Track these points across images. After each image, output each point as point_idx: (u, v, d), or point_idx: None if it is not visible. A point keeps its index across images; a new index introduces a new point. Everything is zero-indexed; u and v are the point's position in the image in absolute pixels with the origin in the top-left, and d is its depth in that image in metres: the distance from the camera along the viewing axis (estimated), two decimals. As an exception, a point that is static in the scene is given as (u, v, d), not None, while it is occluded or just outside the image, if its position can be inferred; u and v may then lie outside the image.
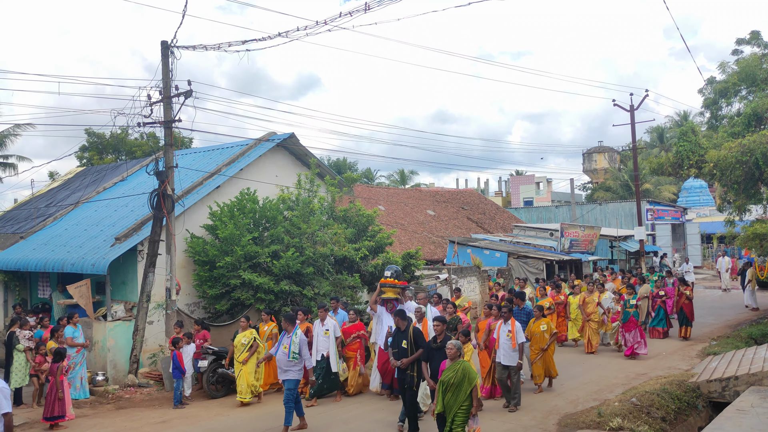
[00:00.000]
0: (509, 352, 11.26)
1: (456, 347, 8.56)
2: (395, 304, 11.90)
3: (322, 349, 12.27)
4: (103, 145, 35.28)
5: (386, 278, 12.08)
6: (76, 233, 17.82)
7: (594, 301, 16.35)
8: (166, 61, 13.83)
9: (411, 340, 9.96)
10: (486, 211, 36.00)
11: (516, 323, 11.41)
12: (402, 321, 10.24)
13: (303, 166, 19.13)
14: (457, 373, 8.35)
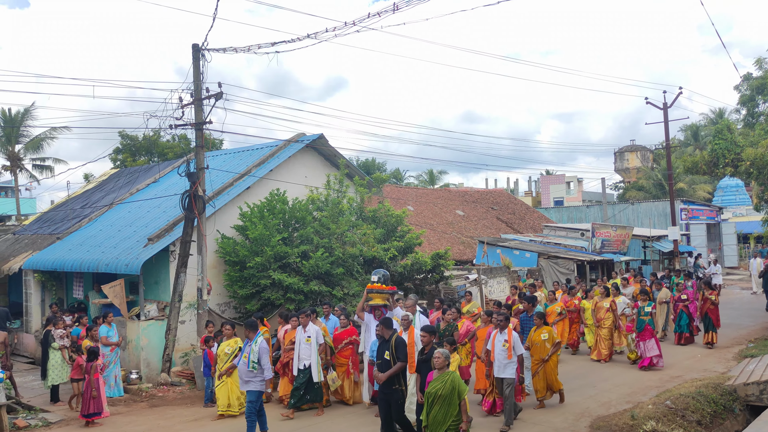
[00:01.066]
0: (504, 364, 10.33)
1: (443, 356, 8.02)
2: (383, 311, 11.05)
3: (304, 358, 11.41)
4: (136, 148, 35.89)
5: (373, 283, 11.19)
6: (110, 234, 18.14)
7: (605, 307, 15.29)
8: (197, 63, 13.99)
9: (392, 352, 9.23)
10: (516, 211, 35.72)
11: (514, 333, 10.48)
12: (386, 330, 9.53)
13: (332, 166, 19.20)
14: (446, 385, 7.82)
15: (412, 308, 11.29)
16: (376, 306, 11.08)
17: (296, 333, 11.63)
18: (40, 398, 13.47)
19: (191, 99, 14.15)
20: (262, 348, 9.82)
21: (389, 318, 9.84)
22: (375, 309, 11.11)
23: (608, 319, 15.13)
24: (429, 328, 9.24)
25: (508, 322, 10.67)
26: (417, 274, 18.17)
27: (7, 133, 36.54)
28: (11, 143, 36.88)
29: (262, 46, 13.49)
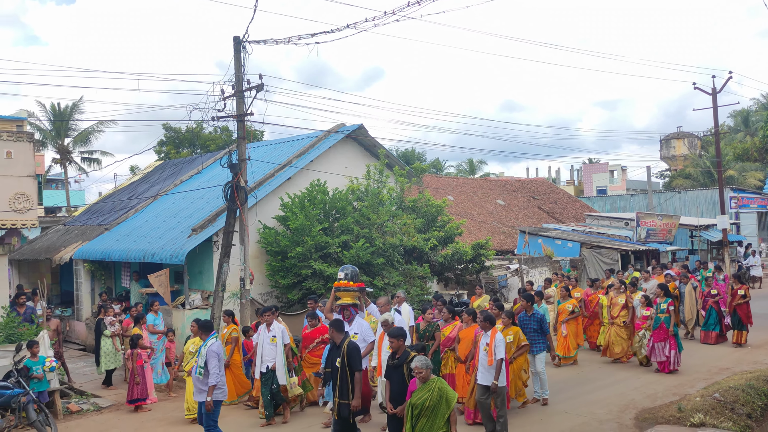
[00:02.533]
0: (486, 369, 9.25)
1: (423, 367, 7.10)
2: (352, 311, 10.01)
3: (267, 360, 10.56)
4: (179, 140, 36.55)
5: (339, 281, 10.08)
6: (155, 225, 18.54)
7: (620, 303, 14.10)
8: (238, 56, 14.10)
9: (344, 359, 8.09)
10: (557, 200, 35.22)
11: (497, 335, 9.30)
12: (337, 333, 8.46)
13: (372, 156, 19.22)
14: (433, 394, 6.97)
15: (386, 308, 10.34)
16: (345, 305, 9.97)
17: (260, 332, 10.85)
18: (92, 384, 13.91)
19: (233, 91, 14.29)
20: (210, 352, 8.81)
21: (339, 320, 8.89)
22: (344, 309, 9.96)
23: (624, 316, 13.93)
24: (397, 331, 8.14)
25: (493, 324, 9.50)
26: (457, 264, 18.11)
27: (57, 127, 37.58)
28: (61, 137, 37.94)
29: (302, 37, 13.53)
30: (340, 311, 9.98)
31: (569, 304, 14.17)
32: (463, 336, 10.37)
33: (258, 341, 10.78)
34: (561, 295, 14.48)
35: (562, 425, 9.90)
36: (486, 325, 9.41)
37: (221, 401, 8.98)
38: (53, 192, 46.45)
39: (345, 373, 8.04)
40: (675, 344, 12.90)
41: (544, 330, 11.13)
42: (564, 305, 14.20)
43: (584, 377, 12.93)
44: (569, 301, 14.27)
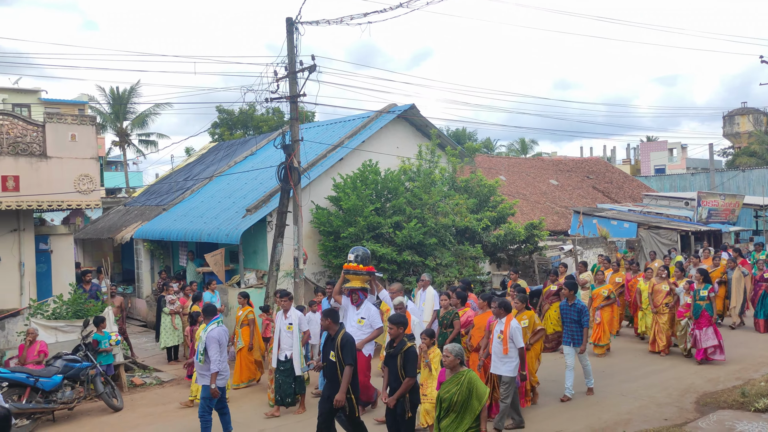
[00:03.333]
0: (499, 359, 8.85)
1: (453, 353, 6.57)
2: (361, 295, 9.59)
3: (285, 348, 10.18)
4: (232, 122, 37.11)
5: (349, 263, 9.61)
6: (211, 205, 18.94)
7: (663, 290, 13.10)
8: (291, 37, 14.17)
9: (338, 352, 7.68)
10: (613, 179, 34.37)
11: (512, 323, 8.81)
12: (332, 324, 7.92)
13: (423, 136, 19.13)
14: (462, 388, 6.42)
15: (398, 293, 9.92)
16: (354, 289, 9.56)
17: (276, 319, 10.53)
18: (154, 359, 14.41)
19: (285, 72, 14.39)
20: (210, 338, 8.64)
21: (333, 309, 8.35)
22: (352, 292, 9.59)
23: (666, 306, 13.02)
24: (396, 317, 7.83)
25: (508, 311, 9.03)
26: (510, 245, 17.93)
27: (116, 110, 38.66)
28: (119, 120, 39.03)
29: (354, 17, 13.49)
30: (348, 294, 9.65)
31: (604, 290, 13.39)
32: (477, 323, 9.88)
33: (276, 328, 10.41)
34: (596, 280, 13.84)
35: (619, 408, 9.74)
36: (500, 312, 8.94)
37: (221, 388, 8.78)
38: (113, 174, 47.91)
39: (338, 366, 7.64)
40: (719, 333, 12.07)
41: (583, 323, 10.17)
42: (599, 290, 13.41)
43: (635, 362, 12.58)
44: (604, 286, 13.54)
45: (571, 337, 10.27)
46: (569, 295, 10.49)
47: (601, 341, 13.01)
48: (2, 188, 13.32)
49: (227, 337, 9.01)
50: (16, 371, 10.09)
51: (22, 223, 14.46)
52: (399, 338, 7.62)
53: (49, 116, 14.28)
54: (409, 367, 7.45)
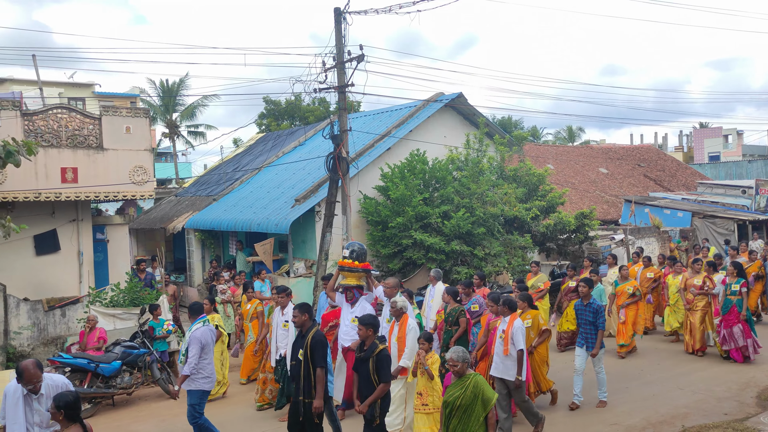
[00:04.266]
0: (501, 361, 8.23)
1: (460, 360, 6.16)
2: (356, 293, 9.14)
3: (281, 347, 9.53)
4: (278, 112, 37.47)
5: (344, 259, 9.19)
6: (260, 195, 19.18)
7: (697, 285, 12.18)
8: (339, 27, 14.18)
9: (307, 352, 7.13)
10: (665, 167, 33.47)
11: (515, 322, 8.17)
12: (307, 320, 7.32)
13: (471, 125, 18.95)
14: (467, 392, 6.05)
15: (393, 290, 9.12)
16: (349, 287, 9.13)
17: (273, 317, 9.96)
18: (205, 346, 14.67)
19: (333, 63, 14.42)
20: (193, 338, 8.07)
21: (306, 304, 7.65)
22: (347, 290, 9.16)
23: (701, 300, 12.08)
24: (366, 318, 7.23)
25: (512, 309, 8.39)
26: (560, 235, 17.68)
27: (165, 102, 39.45)
28: (169, 112, 39.82)
29: (403, 6, 13.42)
30: (343, 292, 9.23)
31: (629, 286, 12.50)
32: (484, 323, 9.26)
33: (272, 325, 9.86)
34: (620, 276, 12.79)
35: (677, 401, 9.52)
36: (504, 311, 8.35)
37: (207, 391, 8.20)
38: (163, 165, 48.99)
39: (308, 367, 7.11)
40: (749, 330, 11.28)
41: (598, 324, 9.29)
42: (623, 287, 12.53)
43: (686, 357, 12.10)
44: (629, 283, 12.60)
45: (585, 339, 9.44)
46: (585, 293, 9.63)
47: (624, 341, 12.23)
48: (62, 179, 13.74)
49: (214, 336, 8.56)
50: (78, 357, 10.45)
51: (80, 213, 14.91)
52: (370, 340, 7.08)
53: (105, 109, 14.65)
54: (382, 371, 6.92)
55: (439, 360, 7.99)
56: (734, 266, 11.73)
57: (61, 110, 14.08)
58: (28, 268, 14.14)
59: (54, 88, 35.23)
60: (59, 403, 5.17)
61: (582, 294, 9.67)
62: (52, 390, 5.87)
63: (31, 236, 14.15)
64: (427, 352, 7.77)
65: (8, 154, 10.16)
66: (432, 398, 7.70)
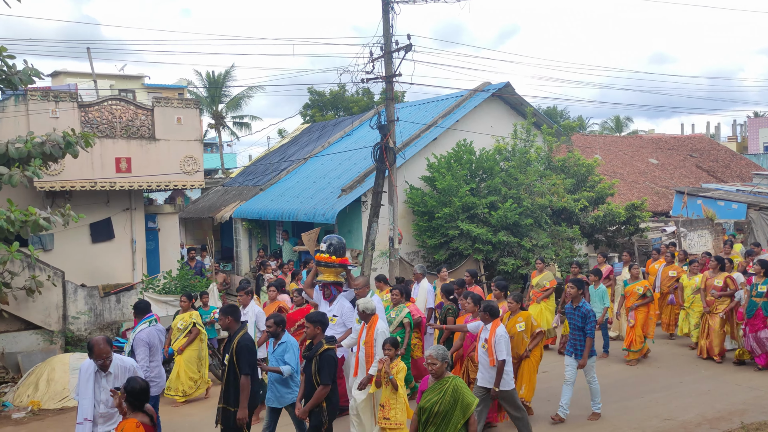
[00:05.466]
0: (486, 371, 7.60)
1: (438, 358, 5.66)
2: (333, 290, 8.62)
3: None
4: (323, 103, 37.66)
5: (320, 253, 8.61)
6: (306, 185, 19.33)
7: (718, 286, 11.21)
8: (387, 17, 14.13)
9: (233, 356, 6.65)
10: (719, 158, 32.48)
11: (497, 330, 7.51)
12: (232, 322, 6.82)
13: (518, 115, 18.71)
14: (445, 397, 5.56)
15: (364, 290, 8.67)
16: (326, 283, 8.61)
17: None
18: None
19: (381, 52, 14.39)
20: (138, 340, 7.52)
21: (233, 306, 7.16)
22: (324, 287, 8.65)
23: (723, 303, 11.13)
24: (314, 315, 6.94)
25: (496, 316, 7.72)
26: (609, 226, 17.35)
27: (212, 93, 40.05)
28: (215, 103, 40.42)
29: (451, -6, 13.30)
30: (320, 289, 8.73)
31: (639, 286, 11.52)
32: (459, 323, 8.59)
33: None
34: (633, 275, 11.85)
35: (733, 397, 9.28)
36: (486, 317, 7.68)
37: (156, 396, 7.60)
38: (209, 155, 49.79)
39: (232, 373, 6.66)
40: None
41: (587, 331, 8.44)
42: (632, 287, 11.58)
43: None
44: (639, 282, 11.61)
45: (573, 346, 8.63)
46: (575, 295, 8.71)
47: (634, 346, 11.33)
48: (116, 169, 14.09)
49: (162, 337, 8.11)
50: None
51: (133, 202, 15.27)
52: (317, 339, 6.74)
53: (156, 100, 14.94)
54: (324, 373, 6.52)
55: (405, 369, 7.36)
56: (761, 264, 10.64)
57: (115, 101, 14.42)
58: (84, 255, 14.57)
59: (105, 81, 36.15)
60: (127, 389, 5.20)
61: (570, 296, 8.80)
62: (120, 371, 6.04)
63: (88, 224, 14.57)
64: (392, 359, 7.11)
65: (68, 144, 10.47)
66: (395, 412, 7.07)
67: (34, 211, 9.70)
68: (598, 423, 8.53)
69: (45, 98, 13.32)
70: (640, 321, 11.31)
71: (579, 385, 8.78)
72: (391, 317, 9.10)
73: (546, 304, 12.00)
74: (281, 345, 7.19)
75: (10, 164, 10.06)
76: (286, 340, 7.22)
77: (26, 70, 10.59)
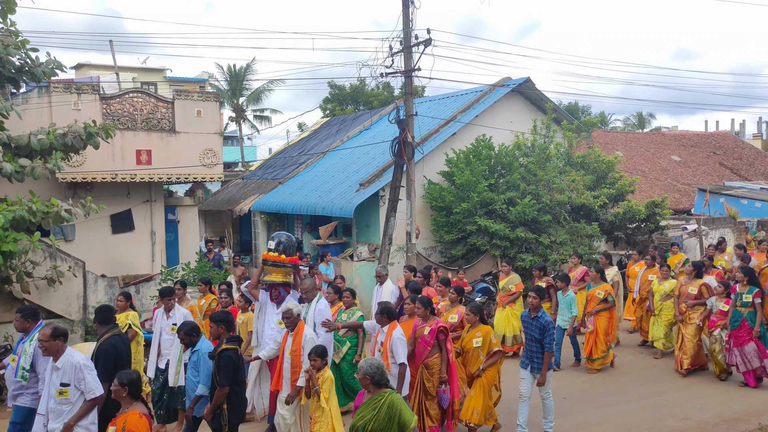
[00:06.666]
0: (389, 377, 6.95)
1: (366, 373, 5.18)
2: (282, 291, 8.09)
3: (165, 353, 8.40)
4: (343, 97, 37.68)
5: (269, 252, 8.10)
6: (324, 179, 19.38)
7: (692, 293, 10.44)
8: (407, 11, 14.10)
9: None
10: (743, 155, 32.00)
11: (394, 332, 7.04)
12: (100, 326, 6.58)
13: (538, 111, 18.58)
14: (380, 414, 5.04)
15: (312, 294, 8.08)
16: (273, 284, 8.07)
17: (156, 319, 8.76)
18: (271, 326, 15.01)
19: (400, 47, 14.37)
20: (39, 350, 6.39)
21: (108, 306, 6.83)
22: (272, 288, 8.11)
23: (696, 311, 10.39)
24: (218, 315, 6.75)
25: (391, 318, 7.20)
26: (629, 224, 17.19)
27: (233, 87, 40.25)
28: (236, 96, 40.63)
29: (472, -12, 13.20)
30: (267, 290, 8.18)
31: (600, 290, 10.80)
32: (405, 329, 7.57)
33: (155, 330, 8.72)
34: (593, 278, 11.07)
35: (751, 398, 9.16)
36: (383, 320, 7.21)
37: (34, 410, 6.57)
38: (229, 148, 50.08)
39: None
40: (765, 349, 9.61)
41: (545, 344, 7.67)
42: (593, 291, 10.88)
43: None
44: (601, 286, 10.87)
45: (530, 359, 7.84)
46: (534, 305, 7.93)
47: (595, 354, 10.66)
48: (137, 161, 14.26)
49: None
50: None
51: (153, 194, 15.45)
52: (221, 338, 6.53)
53: (177, 93, 15.08)
54: (221, 373, 6.25)
55: (332, 379, 6.92)
56: (744, 272, 9.88)
57: (136, 94, 14.57)
58: (104, 246, 14.78)
59: (128, 73, 36.47)
60: (123, 380, 5.17)
61: (530, 306, 8.00)
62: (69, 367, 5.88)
63: (108, 216, 14.77)
64: (319, 370, 6.76)
65: (89, 136, 10.61)
66: (320, 425, 6.71)
67: (55, 203, 9.85)
68: (613, 421, 8.47)
69: (67, 90, 13.50)
70: (602, 327, 10.65)
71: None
72: (342, 319, 8.71)
73: (512, 309, 11.37)
74: (194, 354, 6.72)
75: (33, 156, 10.22)
76: (199, 349, 6.71)
77: (49, 62, 10.74)
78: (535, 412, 8.09)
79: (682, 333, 10.45)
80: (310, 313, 7.92)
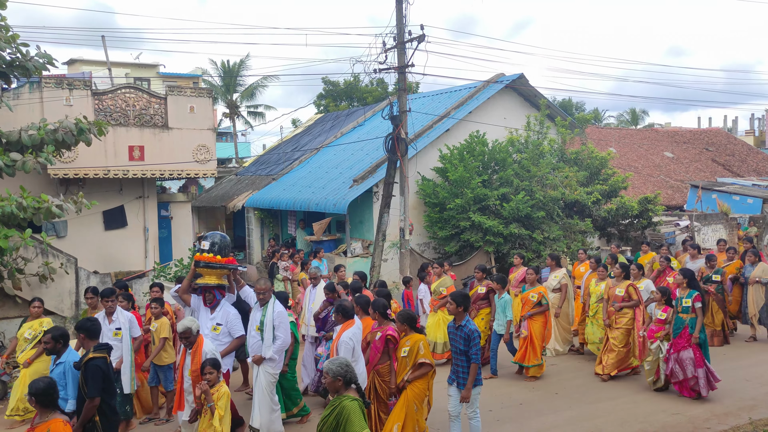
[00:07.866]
0: None
1: (330, 373, 4.90)
2: (217, 294, 7.63)
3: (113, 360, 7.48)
4: (337, 93, 37.62)
5: (202, 253, 7.54)
6: (318, 175, 19.36)
7: (619, 295, 9.93)
8: (400, 6, 14.07)
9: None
10: (735, 152, 32.12)
11: (344, 333, 6.87)
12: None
13: (531, 107, 18.61)
14: (329, 417, 4.82)
15: (268, 294, 7.43)
16: (208, 287, 7.55)
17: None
18: (264, 323, 15.00)
19: (394, 43, 14.34)
20: None
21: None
22: (206, 291, 7.59)
23: (625, 315, 9.87)
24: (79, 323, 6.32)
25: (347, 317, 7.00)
26: (622, 220, 17.24)
27: (226, 83, 40.11)
28: (230, 92, 40.50)
29: (464, -16, 13.17)
30: (201, 294, 7.64)
31: (534, 293, 10.16)
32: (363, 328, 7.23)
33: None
34: (529, 281, 10.36)
35: (743, 393, 9.18)
36: (338, 318, 7.01)
37: None
38: (223, 144, 49.94)
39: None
40: (702, 358, 8.81)
41: (470, 356, 6.85)
42: (527, 293, 10.22)
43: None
44: (535, 289, 10.21)
45: (456, 373, 7.03)
46: (457, 312, 7.00)
47: (530, 361, 9.97)
48: (129, 157, 14.21)
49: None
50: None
51: (146, 190, 15.40)
52: (85, 347, 6.11)
53: (170, 89, 15.03)
54: (87, 384, 5.77)
55: (228, 395, 6.44)
56: (683, 274, 9.16)
57: (128, 90, 14.51)
58: (97, 242, 14.73)
59: (121, 69, 36.34)
60: (31, 391, 4.85)
61: (450, 312, 7.13)
62: None
63: (101, 212, 14.72)
64: (213, 384, 6.30)
65: (80, 131, 10.56)
66: None
67: (46, 198, 9.80)
68: (606, 416, 8.49)
69: (59, 86, 13.44)
70: (537, 332, 10.00)
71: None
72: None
73: (443, 314, 10.66)
74: (59, 366, 6.27)
75: (24, 151, 10.17)
76: (65, 361, 6.28)
77: (40, 56, 10.67)
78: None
79: (609, 336, 9.97)
80: (268, 316, 7.29)
